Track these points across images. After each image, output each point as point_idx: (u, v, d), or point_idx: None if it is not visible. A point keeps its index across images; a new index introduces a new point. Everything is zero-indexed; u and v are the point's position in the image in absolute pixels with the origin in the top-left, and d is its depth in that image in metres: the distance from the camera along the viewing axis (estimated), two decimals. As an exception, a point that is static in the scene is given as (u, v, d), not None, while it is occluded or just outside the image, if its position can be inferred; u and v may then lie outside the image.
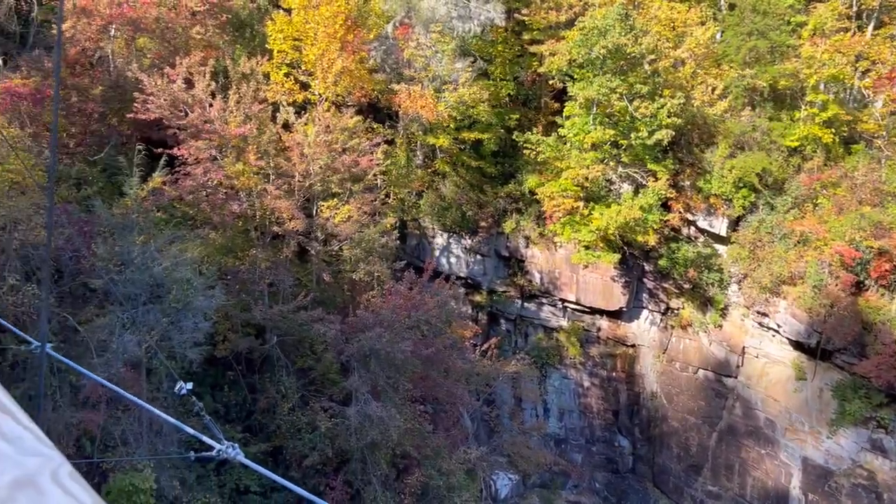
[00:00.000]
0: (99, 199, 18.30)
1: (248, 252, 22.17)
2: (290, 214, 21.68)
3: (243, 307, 21.04)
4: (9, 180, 16.84)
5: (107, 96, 22.19)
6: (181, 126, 20.66)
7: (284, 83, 25.12)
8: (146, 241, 17.85)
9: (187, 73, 21.09)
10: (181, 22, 23.63)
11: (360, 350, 20.73)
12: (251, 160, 21.02)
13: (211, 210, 20.74)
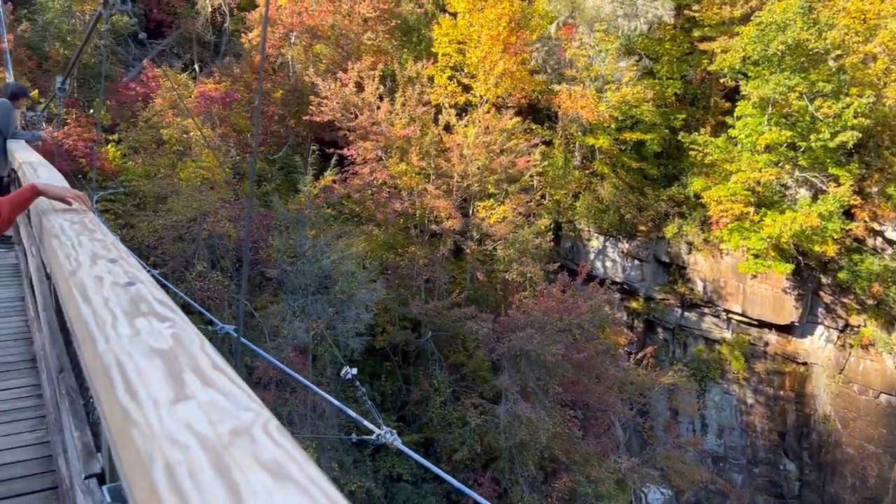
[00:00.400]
0: (276, 196, 19.77)
1: (408, 249, 22.98)
2: (448, 213, 22.23)
3: (401, 301, 21.86)
4: (200, 176, 18.62)
5: (286, 100, 23.92)
6: (351, 128, 21.83)
7: (447, 86, 25.76)
8: (317, 235, 19.06)
9: (358, 77, 22.24)
10: (354, 28, 24.93)
11: (510, 350, 20.84)
12: (414, 161, 21.80)
13: (375, 208, 21.77)
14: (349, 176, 21.79)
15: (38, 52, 22.15)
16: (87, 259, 1.67)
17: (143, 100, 21.81)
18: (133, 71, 24.40)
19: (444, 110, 23.68)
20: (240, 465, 0.75)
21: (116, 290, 1.42)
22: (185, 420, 0.86)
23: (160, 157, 20.37)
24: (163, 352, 1.09)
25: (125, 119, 21.74)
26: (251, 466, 0.75)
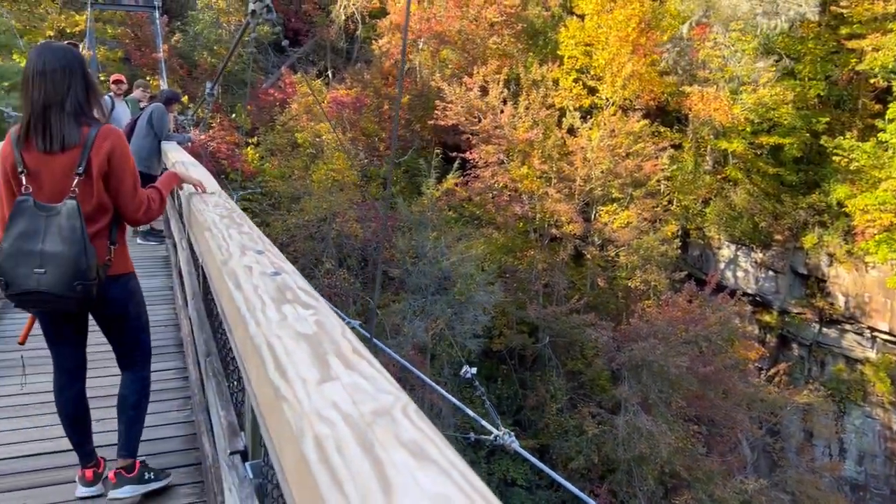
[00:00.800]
0: (401, 198, 20.29)
1: (527, 252, 22.90)
2: (569, 218, 21.95)
3: (519, 305, 21.80)
4: (331, 178, 19.42)
5: (412, 104, 24.49)
6: (474, 131, 22.04)
7: (572, 88, 25.44)
8: (438, 237, 19.38)
9: (483, 81, 22.42)
10: (480, 33, 25.15)
11: (631, 360, 20.28)
12: (535, 164, 21.70)
13: (495, 211, 21.85)
14: (471, 179, 22.00)
15: (189, 61, 23.89)
16: (237, 250, 1.79)
17: (280, 105, 23.03)
18: (272, 77, 25.81)
19: (569, 113, 23.40)
20: (382, 443, 0.79)
21: (264, 278, 1.51)
22: (330, 399, 0.91)
23: (294, 160, 21.42)
24: (308, 336, 1.15)
25: (264, 123, 23.03)
26: (393, 445, 0.79)
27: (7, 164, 2.57)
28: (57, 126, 2.52)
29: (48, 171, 2.54)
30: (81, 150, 2.53)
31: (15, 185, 2.58)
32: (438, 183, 20.42)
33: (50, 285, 2.43)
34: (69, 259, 2.43)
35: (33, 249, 2.43)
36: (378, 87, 24.81)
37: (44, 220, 2.44)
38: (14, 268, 2.42)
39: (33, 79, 2.52)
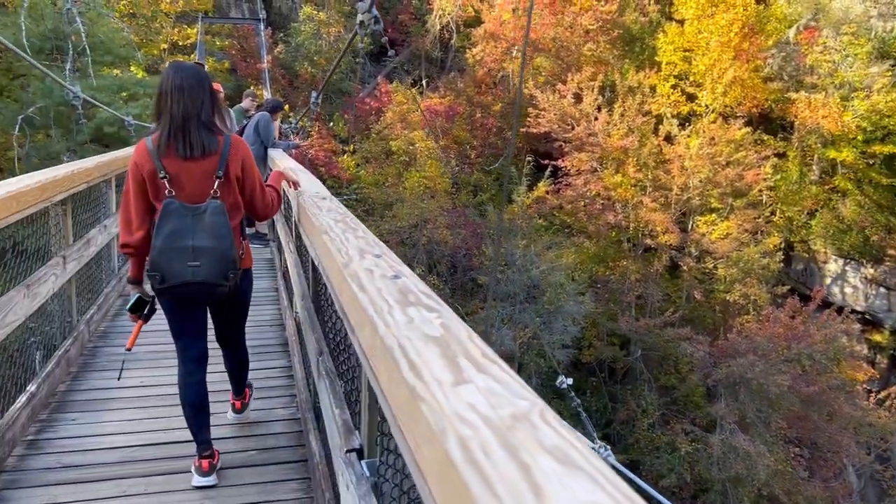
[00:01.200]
0: (490, 205, 20.31)
1: (619, 262, 22.42)
2: (665, 228, 21.36)
3: (610, 316, 21.37)
4: (423, 185, 19.67)
5: (505, 112, 24.50)
6: (567, 139, 21.81)
7: (670, 95, 24.78)
8: (527, 245, 19.28)
9: (577, 88, 22.18)
10: (575, 40, 24.90)
11: (729, 376, 19.49)
12: (630, 172, 21.25)
13: (587, 219, 21.52)
14: (562, 187, 21.78)
15: (290, 71, 24.80)
16: (356, 253, 1.84)
17: (376, 114, 23.54)
18: (368, 87, 26.42)
19: (666, 120, 22.80)
20: (526, 448, 0.79)
21: (385, 281, 1.55)
22: (467, 401, 0.92)
23: (388, 167, 21.83)
24: (436, 339, 1.17)
25: (360, 131, 23.61)
26: (537, 450, 0.79)
27: (144, 171, 2.80)
28: (196, 136, 2.77)
29: (188, 176, 2.79)
30: (220, 156, 2.81)
31: (152, 190, 2.82)
32: (529, 191, 20.31)
33: (205, 275, 2.70)
34: (221, 251, 2.71)
35: (185, 245, 2.69)
36: (471, 95, 24.97)
37: (191, 218, 2.71)
38: (169, 263, 2.68)
39: (172, 94, 2.77)
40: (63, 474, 2.95)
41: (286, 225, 5.32)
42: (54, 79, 7.17)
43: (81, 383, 4.00)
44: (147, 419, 3.56)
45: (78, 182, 4.25)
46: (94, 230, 4.84)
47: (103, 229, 5.11)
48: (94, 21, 13.37)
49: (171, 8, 21.77)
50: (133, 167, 2.84)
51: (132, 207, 2.84)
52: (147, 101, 13.58)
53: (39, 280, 3.46)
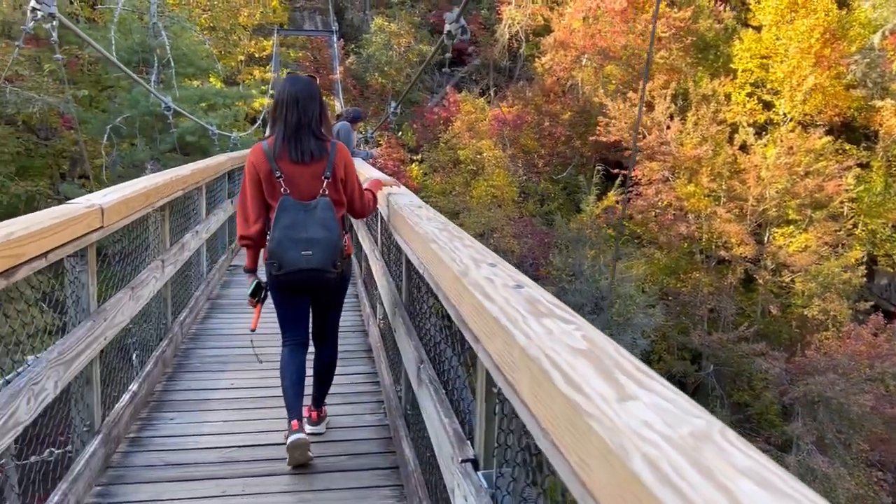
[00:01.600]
0: (559, 215, 20.12)
1: (691, 275, 21.87)
2: (740, 240, 20.74)
3: (681, 330, 20.85)
4: (491, 194, 19.65)
5: (573, 121, 24.28)
6: (638, 147, 21.43)
7: (746, 103, 24.10)
8: (596, 255, 19.01)
9: (649, 96, 21.79)
10: (646, 48, 24.49)
11: (806, 395, 18.72)
12: (703, 182, 20.73)
13: (658, 230, 21.08)
14: (632, 196, 21.40)
15: (361, 82, 25.23)
16: (471, 262, 1.83)
17: (444, 123, 23.67)
18: (437, 96, 26.62)
19: (742, 129, 22.16)
20: (720, 470, 0.76)
21: (509, 291, 1.53)
22: (640, 418, 0.89)
23: (455, 176, 21.91)
24: (583, 352, 1.14)
25: (428, 141, 23.78)
26: (732, 472, 0.76)
27: (260, 171, 3.15)
28: (307, 142, 3.13)
29: (300, 176, 3.14)
30: (327, 160, 3.16)
31: (267, 188, 3.16)
32: (598, 200, 20.04)
33: (317, 263, 3.07)
34: (330, 241, 3.08)
35: (300, 237, 3.06)
36: (539, 104, 24.84)
37: (304, 213, 3.08)
38: (286, 252, 3.06)
39: (287, 105, 3.13)
40: (165, 472, 3.04)
41: (369, 234, 5.38)
42: (149, 90, 7.50)
43: (177, 383, 4.13)
44: (241, 420, 3.64)
45: (176, 189, 4.41)
46: (187, 235, 5.00)
47: (195, 234, 5.28)
48: (178, 34, 13.92)
49: (249, 21, 22.48)
50: (251, 168, 3.17)
51: (249, 204, 3.21)
52: (225, 112, 14.06)
53: (142, 283, 3.60)
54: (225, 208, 7.47)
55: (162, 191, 4.00)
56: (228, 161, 7.80)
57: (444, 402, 2.09)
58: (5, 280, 2.08)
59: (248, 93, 15.80)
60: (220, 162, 6.86)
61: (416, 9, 28.17)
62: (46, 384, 2.34)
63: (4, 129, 13.38)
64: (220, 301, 6.34)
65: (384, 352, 4.21)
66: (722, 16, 26.88)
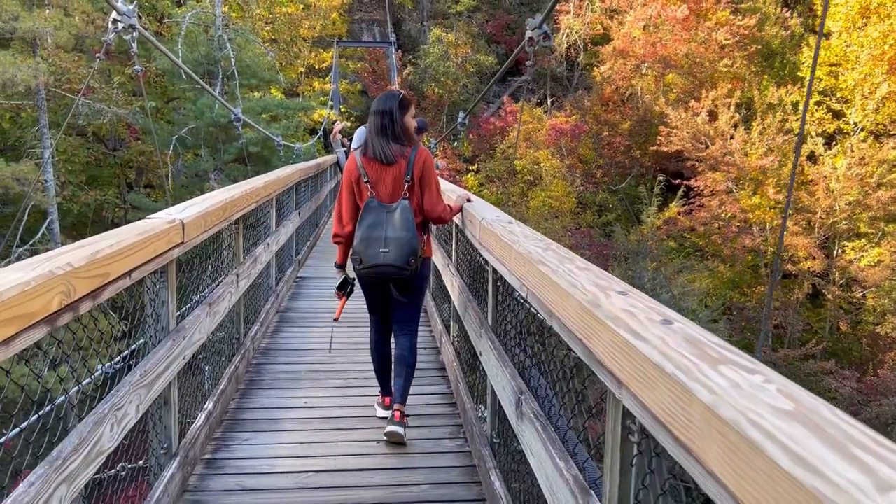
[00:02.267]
0: (618, 226, 19.69)
1: (755, 289, 21.13)
2: (807, 253, 19.93)
3: (745, 346, 20.13)
4: (549, 205, 19.35)
5: (633, 130, 23.81)
6: (701, 158, 20.87)
7: (814, 112, 23.23)
8: (657, 268, 18.52)
9: (712, 105, 21.21)
10: (709, 56, 23.90)
11: (880, 416, 17.83)
12: (769, 193, 20.02)
13: (721, 242, 20.43)
14: (695, 208, 20.82)
15: (417, 92, 25.26)
16: (595, 289, 1.65)
17: (500, 133, 23.50)
18: (493, 106, 26.48)
19: (810, 139, 21.35)
20: None
21: (659, 327, 1.34)
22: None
23: (511, 186, 21.69)
24: (792, 414, 0.94)
25: (484, 151, 23.62)
26: None
27: (352, 177, 3.51)
28: (388, 146, 3.42)
29: (383, 180, 3.44)
30: (407, 164, 3.43)
31: (357, 191, 3.52)
32: (659, 211, 19.54)
33: (391, 259, 3.34)
34: (406, 240, 3.35)
35: (380, 235, 3.36)
36: (598, 113, 24.47)
37: (385, 214, 3.39)
38: (366, 248, 3.37)
39: (374, 116, 3.48)
40: (242, 497, 2.92)
41: (441, 248, 5.23)
42: (219, 100, 7.51)
43: (250, 401, 4.03)
44: (316, 443, 3.50)
45: (250, 202, 4.34)
46: (259, 248, 4.91)
47: (266, 247, 5.20)
48: (242, 47, 14.11)
49: (309, 33, 22.74)
50: (347, 174, 3.56)
51: (344, 206, 3.58)
52: (287, 123, 14.17)
53: (219, 298, 3.51)
54: (293, 219, 7.48)
55: (238, 203, 3.92)
56: (297, 173, 7.76)
57: (556, 444, 1.90)
58: (92, 301, 1.97)
59: (309, 104, 15.93)
60: (288, 174, 6.81)
61: (473, 19, 28.13)
62: (129, 409, 2.24)
63: (75, 140, 13.75)
64: (289, 314, 6.27)
65: (461, 372, 4.03)
66: (788, 23, 26.06)
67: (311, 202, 10.07)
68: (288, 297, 6.89)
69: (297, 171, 7.83)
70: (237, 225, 4.16)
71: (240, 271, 4.10)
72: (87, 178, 15.14)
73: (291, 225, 7.27)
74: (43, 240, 11.24)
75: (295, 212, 7.75)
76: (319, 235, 11.26)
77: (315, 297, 7.01)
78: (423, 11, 29.43)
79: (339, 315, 3.86)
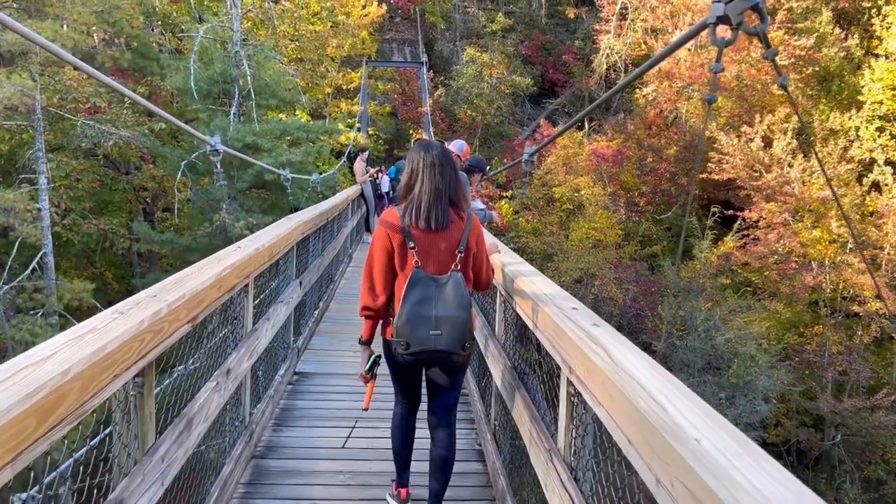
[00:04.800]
0: (667, 260, 18.17)
1: (812, 328, 19.41)
2: (876, 293, 18.16)
3: (805, 393, 18.38)
4: (592, 237, 17.90)
5: (679, 157, 22.32)
6: (756, 187, 19.29)
7: (877, 138, 21.54)
8: (711, 308, 16.92)
9: (768, 130, 19.66)
10: (761, 78, 22.38)
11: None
12: (832, 226, 18.34)
13: (780, 279, 18.74)
14: (749, 242, 19.20)
15: (449, 115, 24.07)
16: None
17: (537, 157, 22.14)
18: (527, 129, 25.18)
19: (877, 167, 19.66)
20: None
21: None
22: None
23: (549, 215, 20.29)
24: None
25: (518, 177, 22.26)
26: None
27: (394, 239, 2.96)
28: (444, 212, 2.95)
29: (433, 248, 2.96)
30: (462, 232, 2.98)
31: (399, 258, 2.97)
32: (714, 245, 17.96)
33: (445, 344, 2.87)
34: (461, 321, 2.87)
35: (429, 314, 2.87)
36: (641, 138, 23.01)
37: (435, 288, 2.90)
38: (413, 330, 2.87)
39: (425, 171, 2.97)
40: None
41: (482, 318, 3.99)
42: (194, 134, 6.12)
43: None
44: None
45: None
46: (201, 397, 2.82)
47: (222, 381, 3.12)
48: (262, 64, 12.98)
49: (337, 52, 21.69)
50: (382, 235, 2.97)
51: (377, 273, 3.00)
52: (309, 147, 12.95)
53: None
54: (288, 299, 5.12)
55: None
56: (294, 233, 5.31)
57: None
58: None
59: (335, 127, 14.69)
60: (273, 242, 4.11)
61: (507, 39, 26.97)
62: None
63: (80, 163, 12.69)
64: (268, 461, 3.97)
65: (506, 479, 2.97)
66: (846, 43, 24.47)
67: (324, 256, 7.78)
68: (272, 424, 4.50)
69: (295, 230, 5.34)
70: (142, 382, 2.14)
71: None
72: (96, 203, 14.09)
73: (285, 308, 4.95)
74: (34, 276, 10.06)
75: (295, 282, 5.51)
76: (333, 295, 8.83)
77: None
78: (455, 31, 28.34)
79: (367, 403, 3.21)
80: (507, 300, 3.43)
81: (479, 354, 4.24)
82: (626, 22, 26.14)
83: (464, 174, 5.63)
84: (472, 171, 5.97)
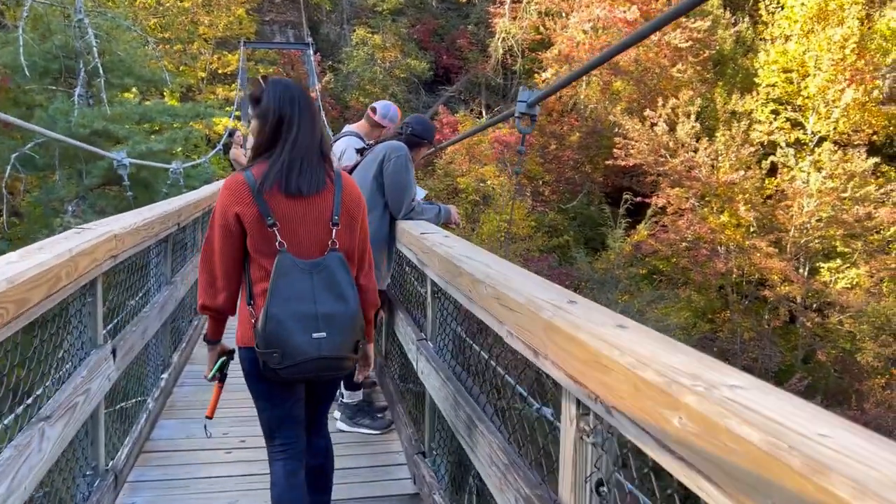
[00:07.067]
0: (581, 250, 17.22)
1: (722, 314, 19.13)
2: (784, 276, 18.00)
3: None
4: (504, 229, 16.68)
5: (582, 143, 21.52)
6: (663, 172, 18.71)
7: (771, 121, 21.57)
8: (629, 300, 16.09)
9: (671, 114, 19.12)
10: (661, 61, 21.93)
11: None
12: (741, 211, 18.01)
13: (691, 267, 18.24)
14: (658, 230, 18.60)
15: (340, 102, 22.19)
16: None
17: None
18: (424, 117, 23.69)
19: (780, 150, 19.58)
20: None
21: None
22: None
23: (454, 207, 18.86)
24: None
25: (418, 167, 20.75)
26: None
27: (244, 217, 2.23)
28: (315, 171, 2.24)
29: (300, 221, 2.23)
30: (333, 196, 2.25)
31: (255, 241, 2.24)
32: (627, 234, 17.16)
33: (331, 349, 2.14)
34: (349, 317, 2.19)
35: (308, 312, 2.12)
36: (542, 124, 22.01)
37: (310, 277, 2.18)
38: (289, 336, 2.11)
39: (294, 118, 2.21)
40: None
41: None
42: None
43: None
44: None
45: None
46: None
47: None
48: (114, 36, 10.71)
49: (210, 32, 19.27)
50: (224, 211, 2.15)
51: (218, 262, 2.21)
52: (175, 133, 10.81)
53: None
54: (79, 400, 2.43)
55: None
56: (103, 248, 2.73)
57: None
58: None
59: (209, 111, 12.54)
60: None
61: (398, 22, 25.33)
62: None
63: None
64: None
65: None
66: (738, 28, 24.54)
67: (169, 288, 4.44)
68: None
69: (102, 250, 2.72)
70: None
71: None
72: None
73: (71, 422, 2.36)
74: None
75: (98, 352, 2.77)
76: (195, 339, 5.56)
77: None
78: (342, 14, 26.40)
79: (212, 410, 2.44)
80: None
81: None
82: (520, 5, 25.15)
83: (404, 148, 3.93)
84: (417, 143, 4.15)
